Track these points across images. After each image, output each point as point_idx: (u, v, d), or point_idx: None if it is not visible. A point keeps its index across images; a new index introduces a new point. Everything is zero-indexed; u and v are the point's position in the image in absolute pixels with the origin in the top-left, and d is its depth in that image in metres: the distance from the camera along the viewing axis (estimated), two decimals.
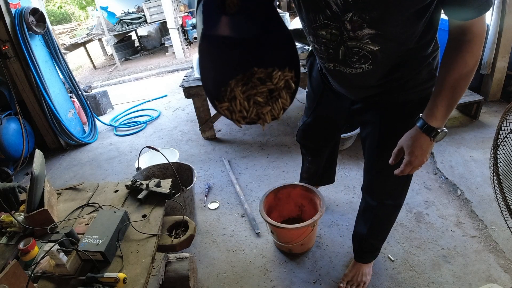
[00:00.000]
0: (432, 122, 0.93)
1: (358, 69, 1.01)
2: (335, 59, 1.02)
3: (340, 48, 0.97)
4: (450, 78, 0.89)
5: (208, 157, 2.82)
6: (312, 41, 1.05)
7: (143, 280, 1.14)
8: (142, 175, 2.02)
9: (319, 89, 1.40)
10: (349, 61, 1.00)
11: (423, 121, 0.95)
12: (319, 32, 0.97)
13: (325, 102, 1.41)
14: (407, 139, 1.00)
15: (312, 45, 1.08)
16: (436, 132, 0.94)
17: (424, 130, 0.94)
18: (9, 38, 2.83)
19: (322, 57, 1.07)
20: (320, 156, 1.74)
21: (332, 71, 1.10)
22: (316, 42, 1.02)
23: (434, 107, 0.92)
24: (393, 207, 1.38)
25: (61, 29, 11.54)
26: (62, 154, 3.27)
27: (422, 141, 0.95)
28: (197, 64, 2.83)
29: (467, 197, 1.98)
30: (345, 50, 0.97)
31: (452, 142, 2.52)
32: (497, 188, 1.46)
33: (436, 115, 0.92)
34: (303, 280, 1.63)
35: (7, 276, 1.00)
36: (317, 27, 0.96)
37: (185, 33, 7.61)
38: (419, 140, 0.96)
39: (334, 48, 0.99)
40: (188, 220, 1.49)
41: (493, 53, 2.83)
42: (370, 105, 1.20)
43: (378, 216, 1.41)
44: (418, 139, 0.96)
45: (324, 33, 0.96)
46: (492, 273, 1.54)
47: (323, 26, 0.94)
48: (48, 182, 1.54)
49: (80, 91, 3.49)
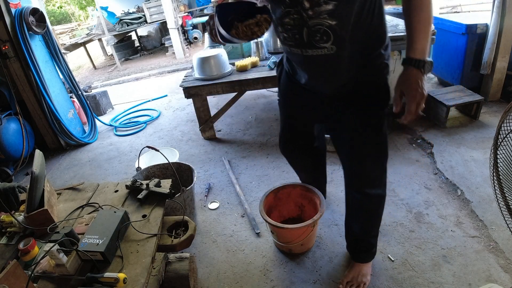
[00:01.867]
0: (417, 55, 1.05)
1: (322, 49, 1.11)
2: (302, 43, 1.14)
3: (303, 30, 1.10)
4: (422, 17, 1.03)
5: (208, 157, 2.82)
6: (281, 32, 1.18)
7: (143, 280, 1.14)
8: (142, 175, 2.02)
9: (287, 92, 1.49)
10: (313, 41, 1.11)
11: (410, 58, 1.06)
12: (284, 20, 1.12)
13: (295, 104, 1.49)
14: (403, 81, 1.10)
15: (282, 36, 1.20)
16: (424, 63, 1.05)
17: (414, 65, 1.05)
18: (9, 38, 2.83)
19: (291, 44, 1.18)
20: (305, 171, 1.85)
21: (302, 59, 1.20)
22: (284, 31, 1.17)
23: (414, 43, 1.05)
24: (376, 197, 1.44)
25: (61, 29, 11.53)
26: (62, 154, 3.27)
27: (416, 75, 1.06)
28: (197, 64, 2.84)
29: (467, 197, 1.99)
30: (307, 30, 1.09)
31: (452, 142, 2.52)
32: (497, 188, 1.46)
33: (418, 48, 1.05)
34: (303, 280, 1.63)
35: (7, 276, 1.00)
36: (282, 17, 1.12)
37: (185, 33, 7.61)
38: (412, 75, 1.06)
39: (299, 32, 1.11)
40: (188, 220, 1.49)
41: (493, 53, 2.83)
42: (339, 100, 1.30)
43: (364, 209, 1.48)
44: (412, 75, 1.06)
45: (288, 21, 1.11)
46: (492, 273, 1.54)
47: (286, 14, 1.10)
48: (48, 182, 1.54)
49: (80, 91, 3.49)
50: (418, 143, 2.61)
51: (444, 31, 3.18)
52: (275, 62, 2.88)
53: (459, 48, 3.03)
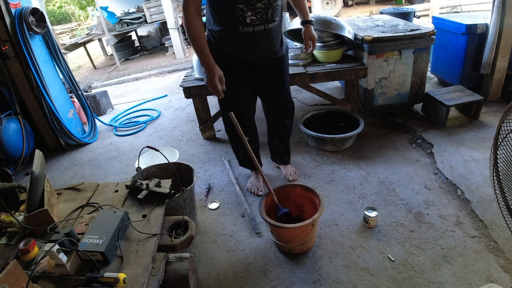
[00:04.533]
0: (309, 17, 1.93)
1: (274, 23, 1.71)
2: (266, 20, 1.66)
3: (269, 10, 1.64)
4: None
5: (208, 157, 2.82)
6: (250, 16, 1.61)
7: (143, 280, 1.14)
8: (142, 175, 2.01)
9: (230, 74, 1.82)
10: (273, 17, 1.68)
11: (307, 20, 1.92)
12: (257, 5, 1.59)
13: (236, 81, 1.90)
14: (307, 32, 1.93)
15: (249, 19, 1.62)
16: (312, 21, 1.94)
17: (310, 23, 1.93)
18: (9, 38, 2.83)
19: (258, 23, 1.65)
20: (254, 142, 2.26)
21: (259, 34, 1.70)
22: (253, 14, 1.61)
23: (305, 12, 1.92)
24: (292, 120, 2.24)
25: (61, 29, 11.55)
26: (62, 154, 3.27)
27: (312, 28, 1.94)
28: (197, 64, 2.84)
29: (467, 197, 1.99)
30: (272, 10, 1.65)
31: (452, 142, 2.52)
32: (497, 188, 1.46)
33: (308, 14, 1.93)
34: (303, 280, 1.63)
35: (7, 276, 1.00)
36: (255, 3, 1.58)
37: (185, 33, 7.60)
38: (311, 28, 1.94)
39: (266, 12, 1.64)
40: (188, 220, 1.49)
41: (493, 53, 2.83)
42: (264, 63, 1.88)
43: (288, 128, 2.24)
44: (311, 28, 1.93)
45: (260, 5, 1.60)
46: (492, 273, 1.54)
47: (258, 1, 1.58)
48: (48, 182, 1.54)
49: (80, 91, 3.49)
50: (418, 143, 2.61)
51: (444, 31, 3.18)
52: None
53: (459, 48, 3.04)
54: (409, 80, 2.81)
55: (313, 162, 2.54)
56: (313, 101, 3.50)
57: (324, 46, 2.77)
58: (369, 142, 2.68)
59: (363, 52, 2.70)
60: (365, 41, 2.61)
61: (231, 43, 1.77)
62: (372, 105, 2.91)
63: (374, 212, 1.86)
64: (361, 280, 1.59)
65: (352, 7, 10.04)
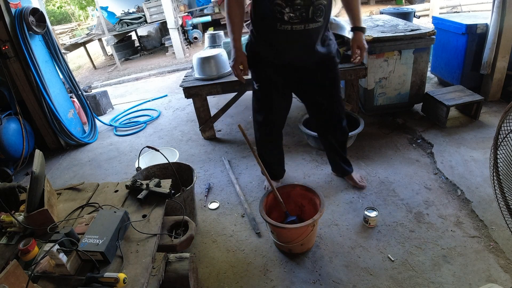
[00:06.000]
0: (360, 24, 1.77)
1: (316, 23, 1.58)
2: (306, 19, 1.55)
3: (310, 9, 1.52)
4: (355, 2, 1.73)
5: (208, 157, 2.82)
6: (288, 13, 1.52)
7: (143, 280, 1.14)
8: (142, 175, 2.01)
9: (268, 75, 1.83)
10: (314, 16, 1.55)
11: (357, 26, 1.76)
12: (296, 1, 1.50)
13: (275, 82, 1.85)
14: (356, 40, 1.78)
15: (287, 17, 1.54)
16: (364, 28, 1.79)
17: (360, 30, 1.77)
18: (9, 38, 2.83)
19: (296, 22, 1.55)
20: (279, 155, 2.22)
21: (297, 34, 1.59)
22: (292, 11, 1.52)
23: (357, 18, 1.75)
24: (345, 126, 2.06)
25: (61, 29, 11.54)
26: (62, 154, 3.27)
27: (362, 36, 1.79)
28: (197, 64, 2.84)
29: (467, 197, 1.99)
30: (313, 9, 1.53)
31: (452, 142, 2.52)
32: (497, 188, 1.46)
33: (360, 21, 1.76)
34: (303, 280, 1.63)
35: (7, 276, 1.00)
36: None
37: (185, 33, 7.61)
38: (361, 36, 1.78)
39: (306, 11, 1.52)
40: (188, 220, 1.49)
41: (493, 53, 2.83)
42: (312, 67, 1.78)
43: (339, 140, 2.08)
44: (361, 36, 1.78)
45: (299, 1, 1.50)
46: (492, 273, 1.54)
47: None
48: (48, 182, 1.54)
49: (80, 91, 3.49)
50: (418, 143, 2.61)
51: (444, 31, 3.18)
52: None
53: (459, 48, 3.04)
54: (409, 80, 2.81)
55: (313, 162, 2.54)
56: None
57: None
58: (369, 142, 2.68)
59: None
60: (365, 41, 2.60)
61: (267, 44, 1.72)
62: (372, 105, 2.91)
63: (374, 212, 1.87)
64: (361, 280, 1.59)
65: None
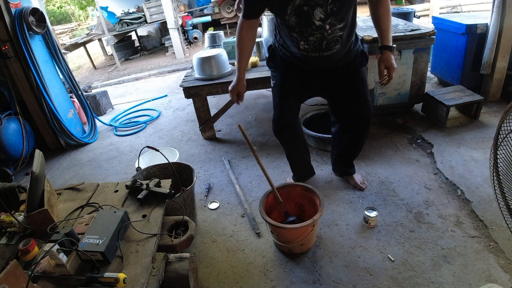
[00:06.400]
0: (389, 43, 1.67)
1: (333, 50, 1.63)
2: (320, 49, 1.62)
3: (323, 42, 1.59)
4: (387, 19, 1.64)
5: (208, 157, 2.82)
6: (303, 44, 1.62)
7: (143, 280, 1.14)
8: (142, 175, 2.01)
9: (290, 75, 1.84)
10: (328, 47, 1.61)
11: (385, 45, 1.67)
12: (309, 38, 1.58)
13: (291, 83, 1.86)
14: (384, 59, 1.67)
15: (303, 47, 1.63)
16: (393, 47, 1.67)
17: (388, 49, 1.67)
18: (9, 38, 2.83)
19: (311, 51, 1.63)
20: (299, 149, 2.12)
21: (315, 58, 1.67)
22: (306, 44, 1.61)
23: (385, 36, 1.66)
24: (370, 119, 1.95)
25: (61, 29, 11.55)
26: (62, 154, 3.27)
27: (390, 55, 1.67)
28: (197, 64, 2.84)
29: (467, 197, 1.98)
30: (326, 42, 1.59)
31: (452, 142, 2.52)
32: (497, 188, 1.46)
33: (389, 39, 1.67)
34: (303, 280, 1.63)
35: (7, 276, 1.00)
36: (308, 36, 1.57)
37: (185, 33, 7.61)
38: (389, 56, 1.67)
39: (320, 44, 1.60)
40: (188, 220, 1.49)
41: (493, 53, 2.83)
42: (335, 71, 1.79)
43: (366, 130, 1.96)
44: (389, 55, 1.67)
45: (312, 38, 1.58)
46: (492, 273, 1.54)
47: (311, 35, 1.56)
48: (48, 182, 1.54)
49: (80, 91, 3.49)
50: (418, 143, 2.61)
51: (444, 31, 3.18)
52: None
53: (459, 48, 3.03)
54: (409, 80, 2.81)
55: (313, 162, 2.53)
56: (313, 101, 3.50)
57: None
58: (369, 142, 2.68)
59: None
60: (365, 41, 2.60)
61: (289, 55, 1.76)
62: (372, 105, 2.91)
63: (374, 212, 1.86)
64: (361, 280, 1.59)
65: None
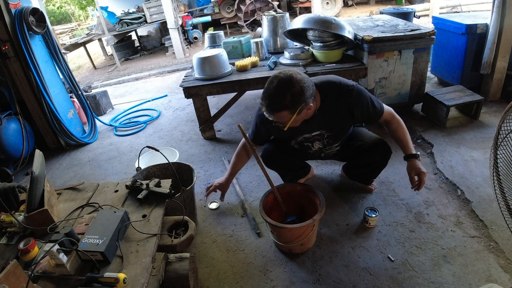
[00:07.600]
0: (412, 151, 1.76)
1: (331, 153, 1.94)
2: (319, 156, 2.00)
3: (321, 154, 1.95)
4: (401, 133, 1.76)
5: (208, 157, 2.82)
6: (301, 150, 1.93)
7: (143, 280, 1.14)
8: (142, 175, 2.01)
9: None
10: (327, 155, 1.97)
11: (410, 154, 1.75)
12: (309, 151, 1.92)
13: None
14: (412, 167, 1.74)
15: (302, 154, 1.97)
16: (417, 155, 1.76)
17: (414, 157, 1.75)
18: (9, 38, 2.83)
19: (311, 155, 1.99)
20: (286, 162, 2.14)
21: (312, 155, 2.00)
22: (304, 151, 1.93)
23: (406, 146, 1.76)
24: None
25: (61, 29, 11.55)
26: (62, 154, 3.27)
27: (417, 162, 1.74)
28: (197, 64, 2.84)
29: (467, 197, 1.99)
30: (324, 154, 1.95)
31: (452, 142, 2.52)
32: (497, 188, 1.46)
33: (411, 148, 1.76)
34: (303, 280, 1.63)
35: (7, 276, 1.00)
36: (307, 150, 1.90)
37: (185, 33, 7.61)
38: (416, 163, 1.74)
39: (319, 155, 1.96)
40: (188, 220, 1.49)
41: (493, 53, 2.83)
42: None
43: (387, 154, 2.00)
44: (416, 163, 1.74)
45: (311, 152, 1.92)
46: (492, 273, 1.54)
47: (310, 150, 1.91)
48: (48, 182, 1.54)
49: (80, 91, 3.49)
50: (418, 143, 2.61)
51: (444, 31, 3.18)
52: (275, 62, 2.88)
53: (459, 48, 3.03)
54: (409, 80, 2.81)
55: (313, 162, 2.53)
56: None
57: (324, 46, 2.78)
58: None
59: (363, 52, 2.70)
60: (365, 41, 2.60)
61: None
62: None
63: (374, 212, 1.86)
64: (361, 280, 1.59)
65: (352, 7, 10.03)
